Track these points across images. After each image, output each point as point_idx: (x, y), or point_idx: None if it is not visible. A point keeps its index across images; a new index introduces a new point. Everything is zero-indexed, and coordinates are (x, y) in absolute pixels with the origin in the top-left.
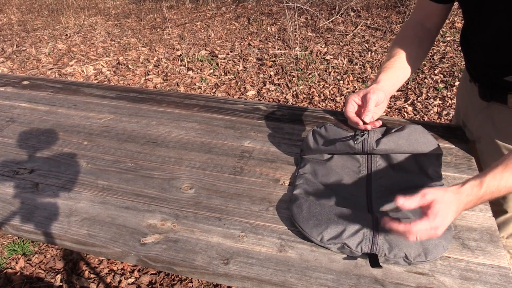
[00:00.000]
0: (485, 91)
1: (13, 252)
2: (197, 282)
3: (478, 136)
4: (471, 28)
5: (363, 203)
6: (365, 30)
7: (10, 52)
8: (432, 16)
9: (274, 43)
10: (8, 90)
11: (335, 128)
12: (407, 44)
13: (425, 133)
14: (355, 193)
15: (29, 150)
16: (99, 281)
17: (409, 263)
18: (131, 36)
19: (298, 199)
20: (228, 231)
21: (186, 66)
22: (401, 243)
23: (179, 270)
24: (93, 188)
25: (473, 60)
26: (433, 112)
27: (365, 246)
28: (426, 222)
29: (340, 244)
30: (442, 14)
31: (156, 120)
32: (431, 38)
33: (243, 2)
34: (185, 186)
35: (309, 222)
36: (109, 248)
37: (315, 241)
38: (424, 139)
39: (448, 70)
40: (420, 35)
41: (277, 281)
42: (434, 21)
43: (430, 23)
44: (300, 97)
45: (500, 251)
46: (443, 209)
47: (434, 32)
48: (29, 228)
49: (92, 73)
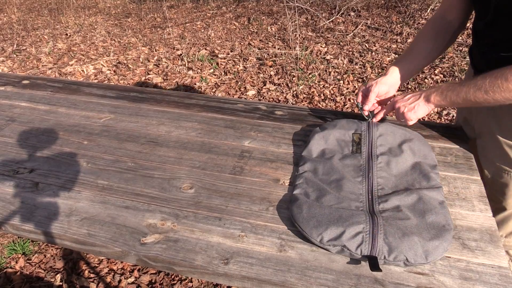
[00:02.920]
0: None
1: (13, 252)
2: (197, 282)
3: (479, 132)
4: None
5: (364, 203)
6: (366, 30)
7: (10, 52)
8: (452, 9)
9: (274, 43)
10: (8, 89)
11: (341, 120)
12: (421, 39)
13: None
14: (355, 192)
15: (29, 150)
16: (99, 281)
17: (409, 265)
18: (131, 36)
19: (298, 200)
20: (228, 231)
21: (186, 65)
22: (401, 245)
23: (179, 269)
24: (93, 188)
25: (478, 46)
26: (433, 112)
27: (364, 248)
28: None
29: (340, 247)
30: (462, 7)
31: (156, 119)
32: (450, 31)
33: (244, 2)
34: (185, 185)
35: (309, 222)
36: (109, 247)
37: (315, 241)
38: (421, 139)
39: (448, 70)
40: (437, 28)
41: (277, 281)
42: (455, 13)
43: (451, 16)
44: (300, 97)
45: (500, 251)
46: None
47: (456, 25)
48: (29, 228)
49: (92, 72)
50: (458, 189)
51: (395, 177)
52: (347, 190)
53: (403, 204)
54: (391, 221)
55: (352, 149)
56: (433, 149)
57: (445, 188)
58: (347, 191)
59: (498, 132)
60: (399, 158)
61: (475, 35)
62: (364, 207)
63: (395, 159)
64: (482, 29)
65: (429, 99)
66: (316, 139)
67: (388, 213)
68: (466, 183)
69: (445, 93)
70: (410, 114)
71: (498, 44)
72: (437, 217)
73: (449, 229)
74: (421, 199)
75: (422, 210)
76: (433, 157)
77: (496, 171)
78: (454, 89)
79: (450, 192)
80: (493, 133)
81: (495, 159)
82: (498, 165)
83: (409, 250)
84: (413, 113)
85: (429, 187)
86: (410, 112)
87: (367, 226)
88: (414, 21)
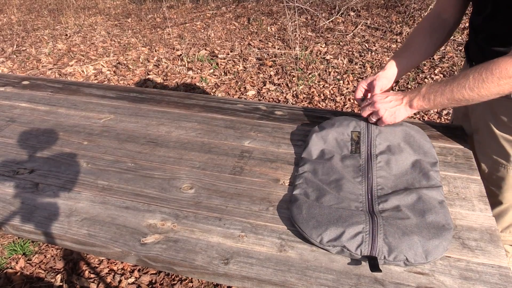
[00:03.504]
0: None
1: (13, 252)
2: (197, 282)
3: (476, 127)
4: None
5: (363, 203)
6: (365, 30)
7: (10, 52)
8: (448, 7)
9: (274, 43)
10: (8, 90)
11: (339, 118)
12: (418, 35)
13: (421, 131)
14: (355, 192)
15: (29, 150)
16: (99, 281)
17: (409, 265)
18: (131, 36)
19: (297, 200)
20: (228, 231)
21: (186, 66)
22: (401, 245)
23: (179, 270)
24: (93, 188)
25: (476, 40)
26: (433, 112)
27: (364, 248)
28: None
29: (340, 247)
30: (457, 5)
31: (156, 120)
32: (446, 28)
33: (243, 2)
34: (185, 186)
35: (309, 223)
36: (109, 248)
37: (315, 242)
38: (421, 134)
39: (448, 70)
40: (434, 25)
41: (277, 281)
42: (451, 11)
43: (446, 14)
44: (300, 97)
45: (500, 251)
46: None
47: (451, 22)
48: (29, 228)
49: (92, 73)
50: (458, 188)
51: (395, 176)
52: (347, 190)
53: (402, 203)
54: (391, 221)
55: (351, 148)
56: None
57: (445, 187)
58: (346, 191)
59: (494, 126)
60: (398, 157)
61: (473, 30)
62: (364, 207)
63: (395, 157)
64: (480, 23)
65: (412, 104)
66: (314, 140)
67: (387, 213)
68: (466, 182)
69: (427, 97)
70: (389, 118)
71: (496, 38)
72: (437, 217)
73: (449, 229)
74: (421, 198)
75: (422, 209)
76: (434, 154)
77: (492, 165)
78: (437, 90)
79: (450, 191)
80: (489, 127)
81: (492, 152)
82: (494, 158)
83: (409, 250)
84: (392, 117)
85: (429, 187)
86: (390, 116)
87: (367, 226)
88: (414, 21)
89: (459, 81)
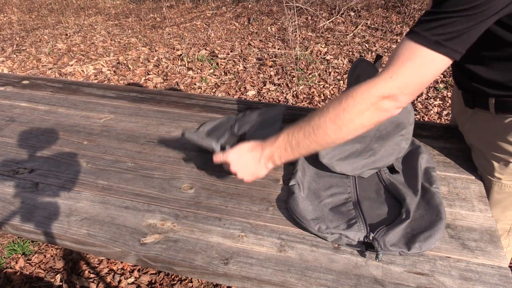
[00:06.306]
0: (467, 97)
1: (13, 252)
2: (197, 282)
3: (469, 143)
4: None
5: (352, 193)
6: (365, 30)
7: (10, 52)
8: None
9: (274, 43)
10: (8, 89)
11: None
12: None
13: None
14: (343, 185)
15: (29, 150)
16: (99, 281)
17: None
18: (131, 36)
19: (294, 192)
20: (228, 231)
21: (186, 66)
22: (395, 235)
23: (179, 270)
24: (93, 188)
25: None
26: (433, 112)
27: (361, 236)
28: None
29: (338, 235)
30: None
31: (156, 120)
32: None
33: (243, 2)
34: (185, 186)
35: (306, 214)
36: (109, 248)
37: (313, 230)
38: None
39: (448, 70)
40: None
41: (277, 281)
42: None
43: None
44: (300, 97)
45: (500, 251)
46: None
47: None
48: (29, 228)
49: (92, 72)
50: (458, 189)
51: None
52: (337, 184)
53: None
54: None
55: None
56: (433, 149)
57: (445, 188)
58: (337, 184)
59: (482, 144)
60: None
61: None
62: (353, 198)
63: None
64: None
65: (274, 160)
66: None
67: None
68: (466, 183)
69: (290, 150)
70: (246, 177)
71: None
72: (430, 208)
73: (440, 218)
74: (416, 190)
75: (416, 200)
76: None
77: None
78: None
79: (450, 192)
80: (477, 145)
81: (480, 166)
82: (481, 171)
83: (402, 239)
84: (250, 176)
85: (425, 182)
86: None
87: (361, 217)
88: (414, 21)
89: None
